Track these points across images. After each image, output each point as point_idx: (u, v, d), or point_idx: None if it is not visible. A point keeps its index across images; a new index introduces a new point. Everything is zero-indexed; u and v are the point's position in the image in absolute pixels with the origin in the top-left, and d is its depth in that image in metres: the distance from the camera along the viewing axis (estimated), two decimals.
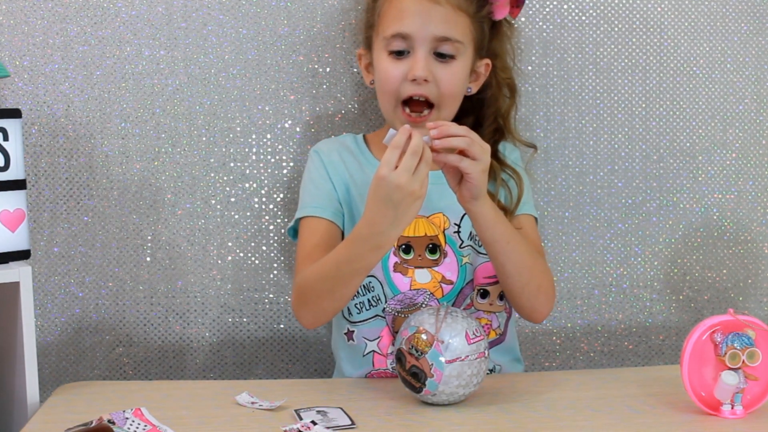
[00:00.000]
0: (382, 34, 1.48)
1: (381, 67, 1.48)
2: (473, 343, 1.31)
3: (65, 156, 1.67)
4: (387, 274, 1.48)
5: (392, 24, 1.46)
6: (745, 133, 1.80)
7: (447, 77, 1.46)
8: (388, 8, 1.48)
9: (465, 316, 1.33)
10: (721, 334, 1.30)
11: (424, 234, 1.49)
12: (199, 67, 1.68)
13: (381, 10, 1.49)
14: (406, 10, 1.45)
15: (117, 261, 1.70)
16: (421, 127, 1.39)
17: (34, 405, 1.37)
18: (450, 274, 1.49)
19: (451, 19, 1.45)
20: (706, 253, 1.81)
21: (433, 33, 1.44)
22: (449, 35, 1.45)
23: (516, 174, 1.55)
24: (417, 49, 1.45)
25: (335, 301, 1.41)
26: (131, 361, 1.72)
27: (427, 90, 1.45)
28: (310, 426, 1.23)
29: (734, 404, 1.30)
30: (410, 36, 1.45)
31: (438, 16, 1.44)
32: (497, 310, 1.52)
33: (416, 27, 1.44)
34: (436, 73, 1.45)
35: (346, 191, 1.53)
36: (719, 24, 1.78)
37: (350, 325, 1.51)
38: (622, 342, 1.81)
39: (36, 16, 1.64)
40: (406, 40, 1.45)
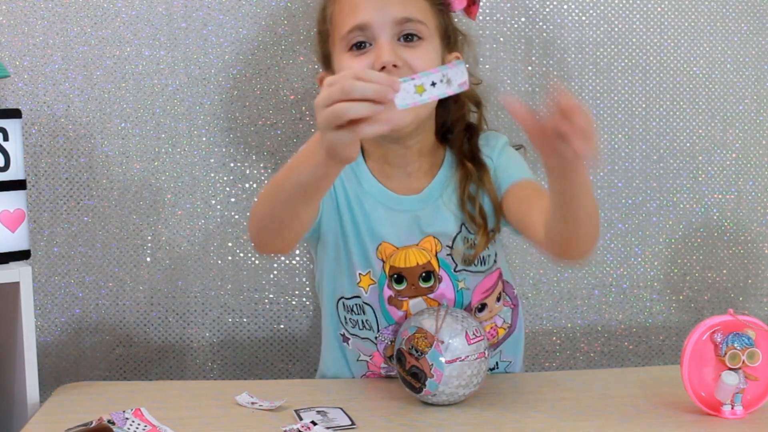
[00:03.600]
0: (338, 37, 1.38)
1: (344, 67, 1.35)
2: (473, 343, 1.31)
3: (65, 156, 1.67)
4: (382, 306, 1.42)
5: (346, 20, 1.36)
6: (745, 133, 1.80)
7: (418, 59, 1.34)
8: (339, 9, 1.39)
9: (465, 317, 1.33)
10: (721, 335, 1.30)
11: (416, 264, 1.41)
12: (199, 68, 1.68)
13: (332, 15, 1.41)
14: (358, 2, 1.36)
15: (117, 261, 1.70)
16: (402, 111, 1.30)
17: (34, 405, 1.37)
18: (446, 301, 1.42)
19: (409, 1, 1.36)
20: (706, 253, 1.81)
21: (393, 15, 1.34)
22: (409, 15, 1.35)
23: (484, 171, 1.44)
24: (378, 37, 1.34)
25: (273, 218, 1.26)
26: (131, 361, 1.72)
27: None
28: (310, 426, 1.23)
29: (734, 404, 1.30)
30: (368, 25, 1.34)
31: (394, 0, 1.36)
32: (498, 310, 1.51)
33: (373, 14, 1.34)
34: (405, 56, 1.34)
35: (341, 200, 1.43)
36: (719, 24, 1.78)
37: (346, 332, 1.47)
38: (622, 342, 1.81)
39: (36, 16, 1.64)
40: (364, 31, 1.35)
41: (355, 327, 1.45)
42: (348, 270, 1.43)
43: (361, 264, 1.42)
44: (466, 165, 1.44)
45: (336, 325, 1.48)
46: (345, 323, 1.47)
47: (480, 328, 1.34)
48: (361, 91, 1.03)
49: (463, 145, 1.47)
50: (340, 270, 1.44)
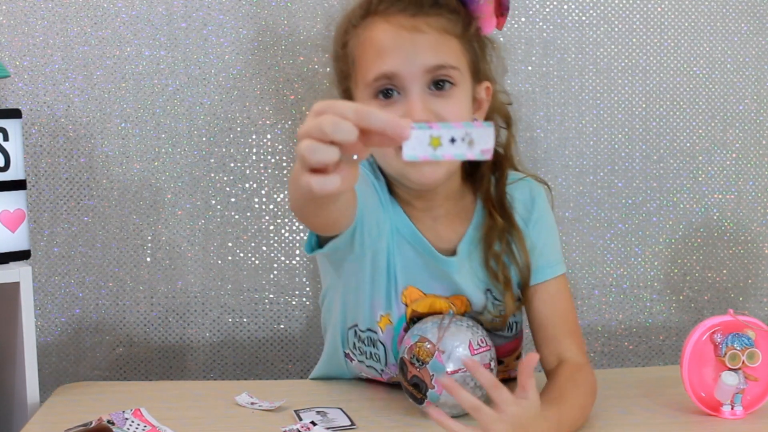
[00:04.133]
0: (362, 82, 1.27)
1: None
2: (477, 353, 1.27)
3: (65, 156, 1.67)
4: (394, 346, 1.36)
5: (372, 65, 1.25)
6: (745, 133, 1.80)
7: (451, 110, 1.25)
8: (362, 51, 1.28)
9: (470, 326, 1.29)
10: (721, 335, 1.30)
11: (440, 311, 1.35)
12: (200, 68, 1.68)
13: (355, 55, 1.30)
14: (385, 47, 1.25)
15: (117, 261, 1.70)
16: (432, 165, 1.25)
17: (34, 405, 1.37)
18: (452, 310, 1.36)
19: (440, 45, 1.25)
20: (707, 253, 1.81)
21: (424, 64, 1.24)
22: (442, 62, 1.25)
23: (518, 236, 1.35)
24: (409, 88, 1.24)
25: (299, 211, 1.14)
26: (131, 361, 1.72)
27: None
28: (310, 426, 1.23)
29: (734, 405, 1.30)
30: (397, 75, 1.24)
31: (424, 45, 1.24)
32: (515, 366, 1.46)
33: (401, 63, 1.23)
34: (437, 110, 1.24)
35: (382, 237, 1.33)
36: (719, 24, 1.78)
37: (351, 354, 1.42)
38: (622, 342, 1.81)
39: (36, 16, 1.64)
40: (392, 79, 1.25)
41: (363, 355, 1.41)
42: (369, 306, 1.36)
43: (384, 305, 1.35)
44: (494, 217, 1.35)
45: (343, 345, 1.44)
46: (353, 348, 1.42)
47: (486, 338, 1.30)
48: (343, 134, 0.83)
49: (490, 188, 1.38)
50: (360, 303, 1.36)
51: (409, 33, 1.24)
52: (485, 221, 1.37)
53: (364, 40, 1.28)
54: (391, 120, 0.84)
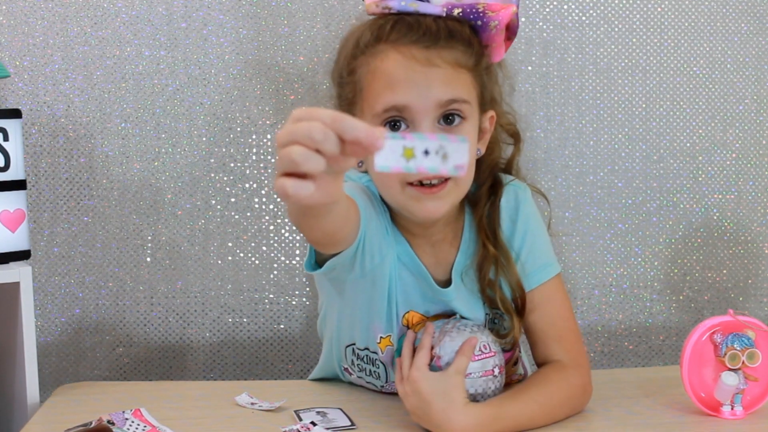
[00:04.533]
0: (369, 111, 1.24)
1: None
2: (478, 360, 1.26)
3: (65, 156, 1.67)
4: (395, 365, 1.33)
5: (382, 96, 1.22)
6: (745, 133, 1.80)
7: None
8: (372, 80, 1.24)
9: (474, 331, 1.28)
10: (721, 335, 1.30)
11: None
12: (200, 68, 1.68)
13: (362, 83, 1.26)
14: (397, 79, 1.22)
15: (117, 261, 1.70)
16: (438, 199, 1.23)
17: (34, 405, 1.37)
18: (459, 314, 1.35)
19: (453, 79, 1.23)
20: (707, 253, 1.81)
21: (437, 99, 1.21)
22: (455, 97, 1.22)
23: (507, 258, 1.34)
24: (419, 122, 1.22)
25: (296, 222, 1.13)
26: (131, 361, 1.72)
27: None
28: (310, 427, 1.23)
29: (734, 405, 1.30)
30: (407, 107, 1.21)
31: (437, 80, 1.22)
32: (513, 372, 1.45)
33: (414, 96, 1.21)
34: None
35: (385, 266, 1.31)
36: (719, 24, 1.78)
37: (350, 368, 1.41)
38: (622, 342, 1.81)
39: (36, 16, 1.64)
40: (402, 111, 1.22)
41: (362, 372, 1.40)
42: (367, 328, 1.35)
43: (384, 328, 1.34)
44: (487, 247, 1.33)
45: (339, 360, 1.43)
46: (352, 365, 1.41)
47: (491, 343, 1.28)
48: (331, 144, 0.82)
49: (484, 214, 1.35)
50: (356, 324, 1.36)
51: (423, 66, 1.21)
52: (478, 250, 1.35)
53: (374, 69, 1.24)
54: (365, 128, 0.82)
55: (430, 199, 1.23)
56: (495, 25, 1.28)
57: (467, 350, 1.24)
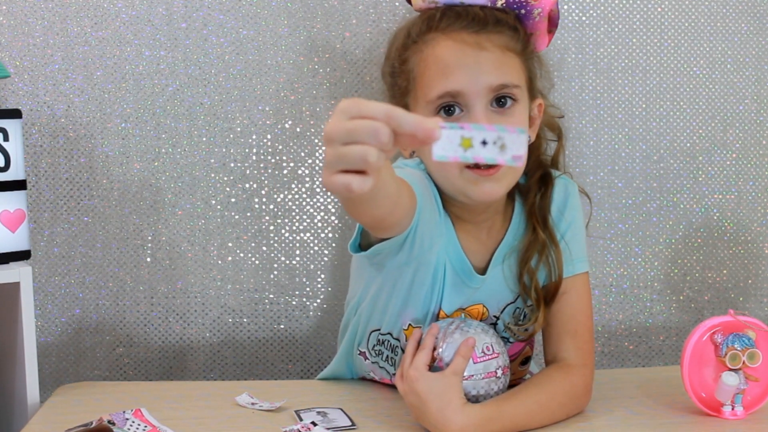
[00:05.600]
0: (424, 99, 1.28)
1: None
2: (481, 361, 1.26)
3: (65, 156, 1.67)
4: None
5: (436, 83, 1.26)
6: (745, 133, 1.80)
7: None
8: (425, 68, 1.28)
9: (478, 332, 1.28)
10: (722, 335, 1.30)
11: None
12: (200, 68, 1.68)
13: (416, 72, 1.30)
14: (450, 65, 1.26)
15: (117, 261, 1.70)
16: (494, 181, 1.26)
17: (34, 405, 1.37)
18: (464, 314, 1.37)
19: (503, 63, 1.27)
20: (707, 253, 1.81)
21: (488, 83, 1.25)
22: (505, 81, 1.26)
23: (555, 248, 1.36)
24: (472, 106, 1.25)
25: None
26: (131, 361, 1.72)
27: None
28: (310, 427, 1.23)
29: (735, 405, 1.30)
30: (461, 93, 1.25)
31: (488, 64, 1.26)
32: (522, 374, 1.47)
33: (466, 81, 1.24)
34: None
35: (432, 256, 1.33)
36: (719, 24, 1.78)
37: (368, 353, 1.43)
38: (622, 342, 1.81)
39: (36, 16, 1.64)
40: (455, 97, 1.26)
41: (378, 356, 1.42)
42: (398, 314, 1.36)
43: (417, 317, 1.35)
44: (537, 232, 1.36)
45: (359, 343, 1.44)
46: (371, 349, 1.42)
47: (495, 344, 1.28)
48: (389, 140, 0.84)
49: (535, 202, 1.38)
50: (389, 308, 1.37)
51: (473, 50, 1.25)
52: (526, 234, 1.37)
53: (426, 57, 1.28)
54: (420, 121, 0.84)
55: (487, 181, 1.26)
56: (538, 13, 1.33)
57: (465, 351, 1.24)
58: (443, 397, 1.21)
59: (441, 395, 1.21)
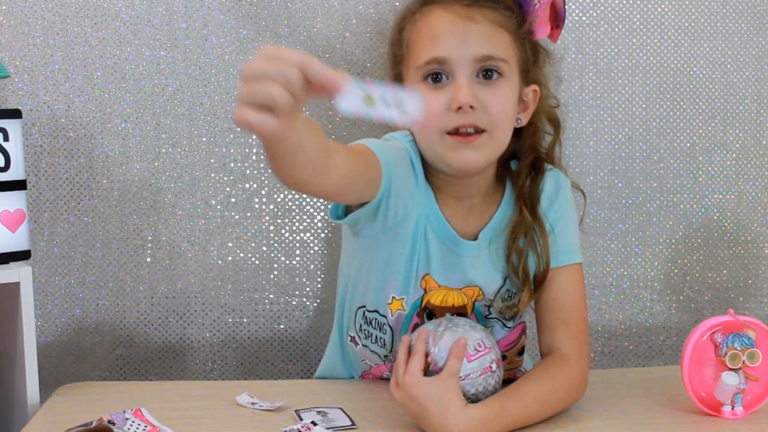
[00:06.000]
0: (414, 65, 1.32)
1: None
2: (475, 359, 1.25)
3: (65, 156, 1.67)
4: (404, 331, 1.38)
5: (425, 50, 1.30)
6: (745, 133, 1.80)
7: (496, 100, 1.29)
8: (417, 36, 1.32)
9: (468, 330, 1.27)
10: (722, 335, 1.30)
11: (452, 305, 1.38)
12: (200, 68, 1.68)
13: (409, 39, 1.34)
14: (439, 33, 1.29)
15: (117, 261, 1.70)
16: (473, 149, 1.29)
17: (34, 405, 1.37)
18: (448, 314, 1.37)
19: (492, 36, 1.30)
20: (707, 253, 1.81)
21: (474, 52, 1.28)
22: (492, 53, 1.29)
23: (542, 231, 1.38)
24: (457, 73, 1.28)
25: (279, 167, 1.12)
26: (131, 361, 1.72)
27: (474, 118, 1.28)
28: (310, 426, 1.23)
29: (734, 405, 1.30)
30: (447, 60, 1.28)
31: (477, 34, 1.29)
32: (518, 364, 1.48)
33: (453, 48, 1.28)
34: (482, 97, 1.28)
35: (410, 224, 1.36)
36: (719, 24, 1.78)
37: (357, 337, 1.44)
38: (622, 342, 1.81)
39: (36, 16, 1.64)
40: (443, 65, 1.29)
41: (368, 339, 1.42)
42: (381, 287, 1.38)
43: (399, 289, 1.37)
44: (524, 214, 1.38)
45: (348, 328, 1.46)
46: (359, 331, 1.43)
47: (485, 339, 1.28)
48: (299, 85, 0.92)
49: (525, 185, 1.40)
50: (371, 282, 1.39)
51: (464, 21, 1.29)
52: (513, 215, 1.39)
53: (420, 26, 1.32)
54: (328, 71, 0.92)
55: (466, 149, 1.29)
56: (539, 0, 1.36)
57: (457, 352, 1.23)
58: (442, 400, 1.20)
59: (440, 399, 1.20)
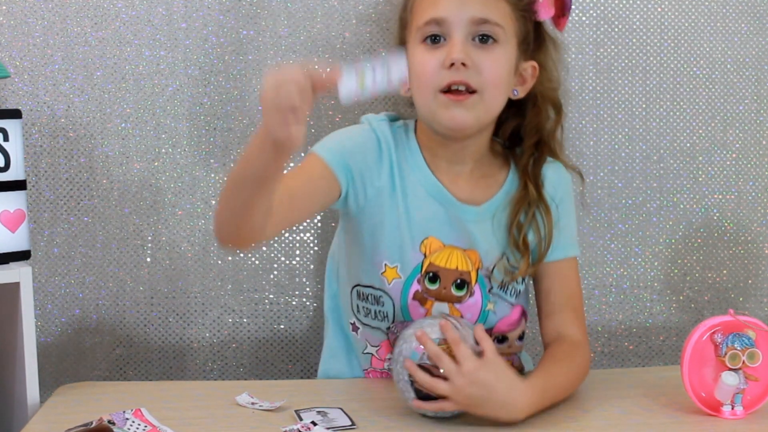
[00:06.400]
0: (415, 26, 1.39)
1: (416, 60, 1.37)
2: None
3: (65, 156, 1.67)
4: (404, 300, 1.42)
5: (426, 11, 1.37)
6: (745, 134, 1.80)
7: (489, 63, 1.35)
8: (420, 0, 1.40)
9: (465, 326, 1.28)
10: (722, 335, 1.30)
11: (456, 268, 1.41)
12: (200, 68, 1.68)
13: (414, 3, 1.41)
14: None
15: (117, 261, 1.70)
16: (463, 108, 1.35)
17: (34, 405, 1.37)
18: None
19: (490, 2, 1.36)
20: (707, 253, 1.81)
21: (471, 15, 1.35)
22: (487, 17, 1.35)
23: (546, 211, 1.44)
24: (453, 33, 1.35)
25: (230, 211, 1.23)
26: (131, 361, 1.72)
27: (466, 75, 1.34)
28: (310, 426, 1.23)
29: (734, 405, 1.30)
30: (445, 20, 1.35)
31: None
32: (516, 350, 1.49)
33: (451, 10, 1.35)
34: (475, 58, 1.34)
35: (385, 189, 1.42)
36: (719, 24, 1.78)
37: (357, 321, 1.48)
38: (622, 342, 1.81)
39: (36, 16, 1.64)
40: (441, 25, 1.36)
41: (368, 316, 1.45)
42: (372, 258, 1.42)
43: (391, 256, 1.41)
44: (528, 189, 1.43)
45: (347, 313, 1.49)
46: (357, 312, 1.46)
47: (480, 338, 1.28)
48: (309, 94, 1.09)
49: (529, 163, 1.46)
50: (363, 257, 1.43)
51: None
52: (517, 191, 1.45)
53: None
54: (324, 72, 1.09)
55: (457, 107, 1.35)
56: None
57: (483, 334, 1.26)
58: (505, 377, 1.25)
59: (503, 377, 1.25)
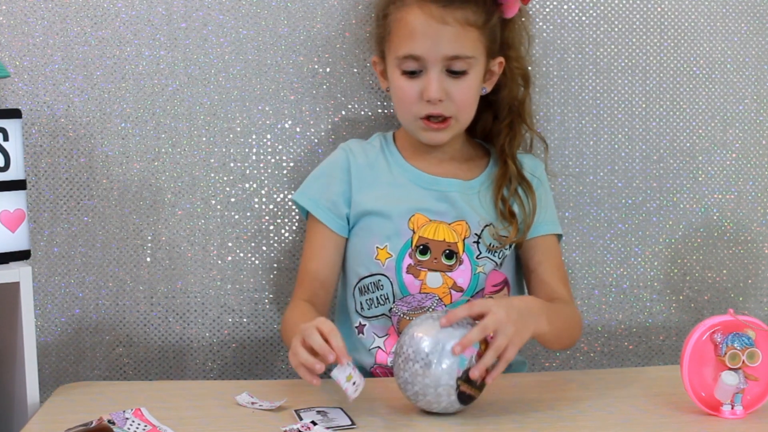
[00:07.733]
0: (394, 53, 1.50)
1: (396, 85, 1.51)
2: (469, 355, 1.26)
3: (65, 156, 1.67)
4: (399, 275, 1.51)
5: (403, 44, 1.48)
6: (745, 133, 1.80)
7: (461, 92, 1.49)
8: (397, 27, 1.49)
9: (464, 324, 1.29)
10: (721, 335, 1.30)
11: (443, 239, 1.51)
12: (199, 68, 1.68)
13: (391, 27, 1.51)
14: (415, 31, 1.47)
15: (117, 261, 1.70)
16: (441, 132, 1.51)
17: (34, 405, 1.37)
18: (462, 281, 1.51)
19: (461, 37, 1.46)
20: (706, 253, 1.81)
21: (444, 53, 1.46)
22: (459, 53, 1.47)
23: (528, 187, 1.56)
24: (429, 69, 1.47)
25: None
26: (131, 361, 1.72)
27: (442, 108, 1.48)
28: (310, 426, 1.23)
29: (734, 404, 1.30)
30: (421, 57, 1.47)
31: (447, 36, 1.46)
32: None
33: (426, 48, 1.46)
34: (449, 90, 1.48)
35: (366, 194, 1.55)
36: (719, 24, 1.78)
37: (362, 319, 1.54)
38: (622, 342, 1.81)
39: (36, 16, 1.64)
40: (418, 61, 1.47)
41: (371, 307, 1.52)
42: (366, 246, 1.53)
43: (381, 237, 1.52)
44: (507, 163, 1.55)
45: (354, 316, 1.54)
46: (361, 309, 1.53)
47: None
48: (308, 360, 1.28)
49: (505, 143, 1.57)
50: (359, 247, 1.54)
51: (437, 23, 1.45)
52: (498, 169, 1.57)
53: (399, 19, 1.49)
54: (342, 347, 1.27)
55: (435, 132, 1.51)
56: None
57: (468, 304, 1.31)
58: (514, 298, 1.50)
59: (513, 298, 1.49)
